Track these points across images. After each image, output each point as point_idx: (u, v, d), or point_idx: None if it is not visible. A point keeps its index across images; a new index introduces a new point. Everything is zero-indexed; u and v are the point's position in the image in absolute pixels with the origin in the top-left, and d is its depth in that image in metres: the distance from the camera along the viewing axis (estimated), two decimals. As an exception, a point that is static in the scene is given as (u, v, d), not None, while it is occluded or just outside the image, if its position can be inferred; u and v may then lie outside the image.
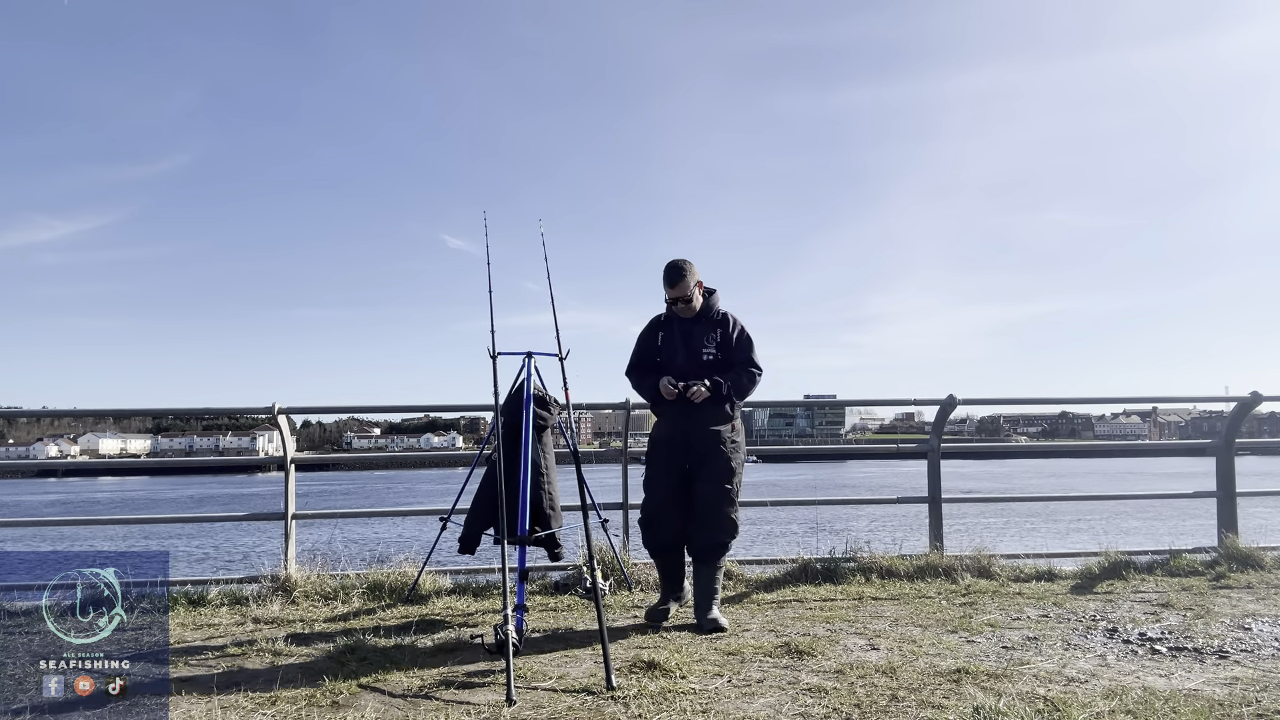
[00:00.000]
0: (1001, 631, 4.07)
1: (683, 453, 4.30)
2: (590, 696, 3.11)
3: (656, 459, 4.41)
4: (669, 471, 4.32)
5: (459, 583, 5.22)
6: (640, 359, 4.54)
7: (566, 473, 4.50)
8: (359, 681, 3.32)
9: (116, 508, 36.78)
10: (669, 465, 4.33)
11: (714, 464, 4.27)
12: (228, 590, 5.10)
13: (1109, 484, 31.56)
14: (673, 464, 4.32)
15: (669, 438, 4.36)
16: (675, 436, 4.34)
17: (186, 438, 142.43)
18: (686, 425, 4.30)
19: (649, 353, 4.50)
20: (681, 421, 4.32)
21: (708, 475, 4.26)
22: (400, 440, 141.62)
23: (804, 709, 2.95)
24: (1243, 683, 3.19)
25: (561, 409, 4.65)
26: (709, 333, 4.37)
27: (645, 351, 4.52)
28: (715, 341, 4.36)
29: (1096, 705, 2.88)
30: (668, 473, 4.32)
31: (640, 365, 4.53)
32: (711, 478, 4.26)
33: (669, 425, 4.39)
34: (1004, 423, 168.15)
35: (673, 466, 4.32)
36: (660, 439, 4.41)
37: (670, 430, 4.37)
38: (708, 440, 4.29)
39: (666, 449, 4.35)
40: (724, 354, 4.37)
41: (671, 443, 4.34)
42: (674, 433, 4.35)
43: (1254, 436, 37.57)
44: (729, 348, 4.38)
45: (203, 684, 3.34)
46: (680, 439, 4.32)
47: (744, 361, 4.39)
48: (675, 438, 4.34)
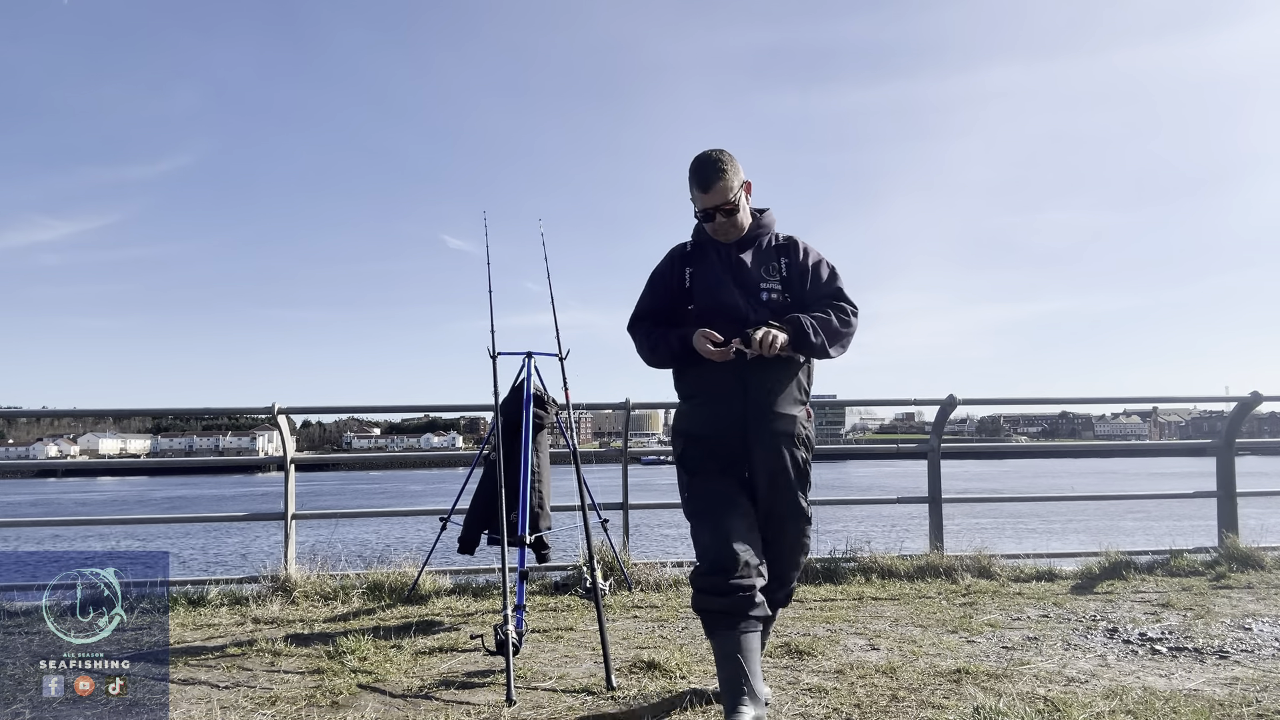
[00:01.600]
0: (1002, 631, 4.06)
1: (739, 455, 2.76)
2: (590, 696, 3.11)
3: (701, 464, 2.81)
4: (725, 481, 2.76)
5: (459, 583, 5.22)
6: (653, 307, 2.96)
7: (565, 473, 4.49)
8: (359, 681, 3.32)
9: (116, 508, 36.76)
10: (723, 473, 2.77)
11: (786, 482, 2.76)
12: (227, 590, 5.10)
13: (1109, 484, 31.53)
14: (728, 472, 2.77)
15: (715, 434, 2.78)
16: (725, 430, 2.75)
17: (186, 438, 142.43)
18: (743, 410, 2.73)
19: (670, 299, 2.92)
20: (734, 404, 2.73)
21: (783, 499, 2.77)
22: (400, 440, 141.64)
23: (804, 709, 2.94)
24: (1243, 683, 3.19)
25: (560, 409, 4.64)
26: (767, 262, 2.87)
27: (663, 297, 2.94)
28: (778, 274, 2.86)
29: (1097, 705, 2.88)
30: (724, 482, 2.76)
31: (654, 316, 2.96)
32: (788, 504, 2.79)
33: (713, 412, 2.78)
34: (1004, 423, 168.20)
35: (729, 475, 2.77)
36: (698, 434, 2.82)
37: (715, 420, 2.77)
38: (778, 437, 2.74)
39: (712, 450, 2.79)
40: (793, 294, 2.85)
41: (721, 441, 2.77)
42: (722, 424, 2.75)
43: (1254, 436, 37.54)
44: (800, 284, 2.85)
45: (203, 684, 3.34)
46: (733, 435, 2.75)
47: (830, 295, 2.85)
48: (725, 432, 2.75)
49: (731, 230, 2.86)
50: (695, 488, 2.81)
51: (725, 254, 2.89)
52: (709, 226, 2.88)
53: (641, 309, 3.02)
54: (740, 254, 2.88)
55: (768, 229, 2.95)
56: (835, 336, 2.79)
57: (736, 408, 2.75)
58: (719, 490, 2.74)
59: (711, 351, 2.68)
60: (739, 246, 2.89)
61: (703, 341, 2.69)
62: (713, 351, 2.68)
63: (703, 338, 2.69)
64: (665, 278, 2.96)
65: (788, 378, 2.80)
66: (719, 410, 2.78)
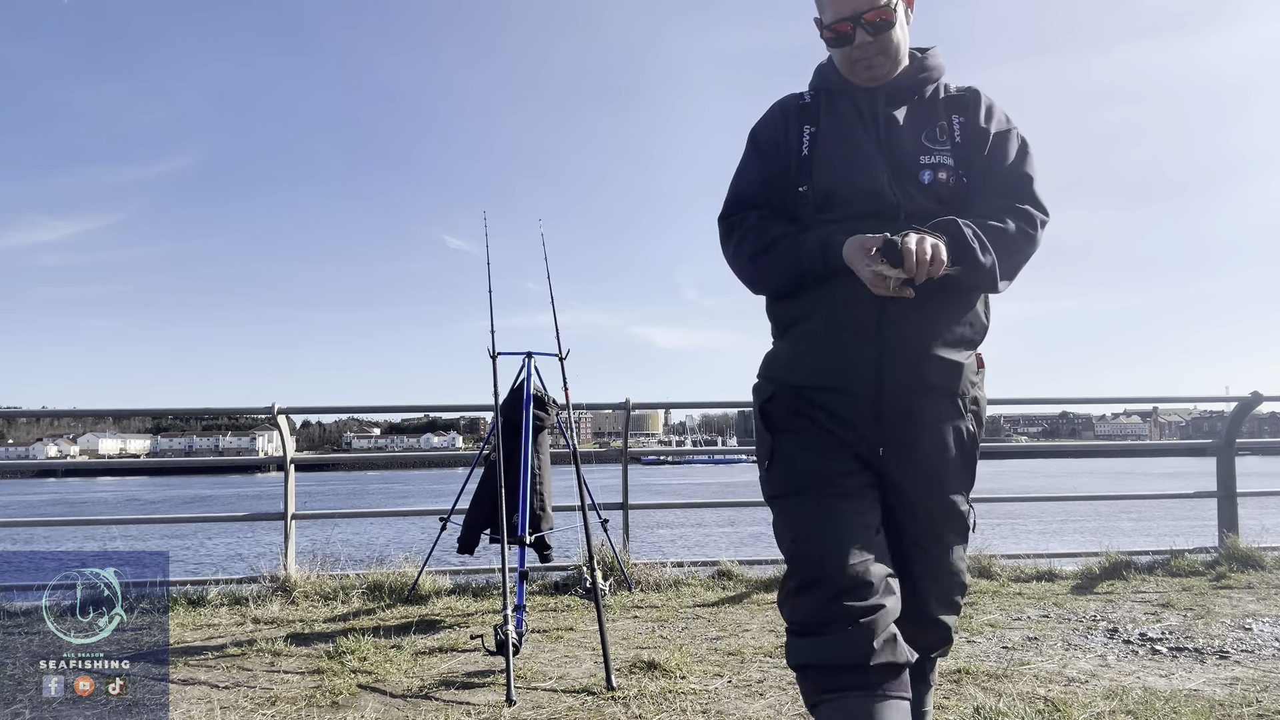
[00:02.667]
0: (1002, 631, 4.06)
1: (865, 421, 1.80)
2: (590, 696, 3.11)
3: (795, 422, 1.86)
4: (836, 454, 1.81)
5: (459, 583, 5.22)
6: (765, 188, 1.94)
7: (565, 473, 4.49)
8: (359, 681, 3.32)
9: (116, 508, 36.75)
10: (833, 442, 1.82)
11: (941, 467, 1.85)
12: (227, 590, 5.10)
13: (1109, 484, 31.52)
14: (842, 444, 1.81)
15: (829, 384, 1.82)
16: (847, 379, 1.80)
17: (186, 438, 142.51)
18: (877, 350, 1.78)
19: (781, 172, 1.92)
20: (865, 339, 1.78)
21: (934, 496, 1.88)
22: (400, 440, 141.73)
23: (804, 709, 2.94)
24: (1243, 683, 3.18)
25: (560, 409, 4.64)
26: (934, 123, 1.88)
27: (770, 171, 1.94)
28: (948, 141, 1.86)
29: (1097, 705, 2.88)
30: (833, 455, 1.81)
31: (753, 203, 1.95)
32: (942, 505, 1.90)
33: (828, 349, 1.82)
34: (1004, 423, 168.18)
35: (844, 455, 1.81)
36: (801, 384, 1.86)
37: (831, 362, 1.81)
38: (932, 396, 1.82)
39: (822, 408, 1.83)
40: (967, 172, 1.86)
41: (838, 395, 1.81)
42: (842, 368, 1.80)
43: (1254, 436, 37.60)
44: (971, 158, 1.86)
45: (203, 684, 3.34)
46: (859, 388, 1.79)
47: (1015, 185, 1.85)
48: (847, 382, 1.80)
49: (880, 64, 1.86)
50: (784, 454, 1.82)
51: (867, 107, 1.87)
52: (843, 57, 1.88)
53: (744, 189, 1.95)
54: (891, 109, 1.87)
55: (934, 73, 1.92)
56: (1011, 257, 1.76)
57: (868, 346, 1.76)
58: (822, 464, 1.77)
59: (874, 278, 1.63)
60: (889, 97, 1.88)
61: (862, 256, 1.65)
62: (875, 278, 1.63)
63: (862, 251, 1.65)
64: (774, 140, 1.93)
65: (954, 302, 1.79)
66: (839, 346, 1.78)
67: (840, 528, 1.71)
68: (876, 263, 1.63)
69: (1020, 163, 1.87)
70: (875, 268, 1.63)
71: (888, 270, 1.62)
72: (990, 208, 1.81)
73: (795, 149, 1.90)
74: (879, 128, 1.86)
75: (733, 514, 16.17)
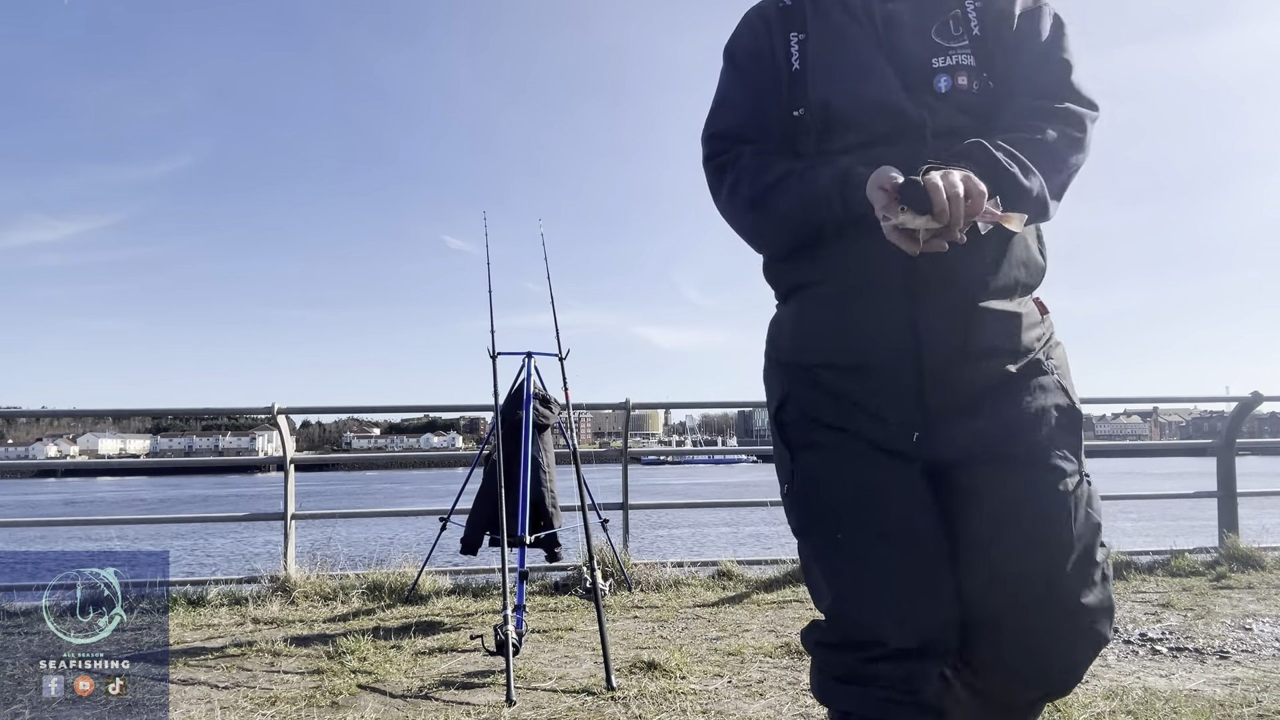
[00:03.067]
0: (1002, 632, 4.06)
1: (909, 410, 1.36)
2: (590, 696, 3.11)
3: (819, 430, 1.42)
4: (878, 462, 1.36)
5: (459, 583, 5.22)
6: (754, 115, 1.51)
7: (565, 473, 4.49)
8: (359, 682, 3.32)
9: (116, 508, 36.75)
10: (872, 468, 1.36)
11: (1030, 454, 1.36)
12: (227, 590, 5.10)
13: (1109, 484, 31.51)
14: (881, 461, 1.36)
15: (856, 362, 1.39)
16: (879, 352, 1.37)
17: (186, 438, 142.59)
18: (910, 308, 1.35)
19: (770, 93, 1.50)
20: (894, 296, 1.36)
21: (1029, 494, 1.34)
22: (400, 440, 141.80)
23: (804, 709, 2.94)
24: (1243, 683, 3.18)
25: (561, 409, 4.65)
26: (946, 12, 1.44)
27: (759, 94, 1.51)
28: (965, 31, 1.42)
29: (1097, 705, 2.88)
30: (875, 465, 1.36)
31: (743, 136, 1.51)
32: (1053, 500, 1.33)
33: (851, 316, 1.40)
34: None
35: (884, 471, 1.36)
36: (821, 363, 1.44)
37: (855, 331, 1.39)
38: (992, 359, 1.37)
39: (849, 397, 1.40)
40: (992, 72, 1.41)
41: (870, 375, 1.38)
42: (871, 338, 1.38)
43: (1255, 436, 37.59)
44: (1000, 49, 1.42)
45: (202, 684, 3.34)
46: (896, 362, 1.36)
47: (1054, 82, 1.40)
48: (879, 356, 1.37)
49: None
50: (807, 476, 1.43)
51: (860, 1, 1.47)
52: None
53: (730, 121, 1.54)
54: (889, 1, 1.46)
55: None
56: (1059, 173, 1.36)
57: (897, 307, 1.36)
58: (858, 490, 1.37)
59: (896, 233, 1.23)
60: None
61: (880, 202, 1.24)
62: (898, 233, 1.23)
63: (879, 194, 1.25)
64: (756, 52, 1.53)
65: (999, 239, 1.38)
66: (861, 311, 1.39)
67: (890, 585, 1.32)
68: (896, 213, 1.22)
69: (1055, 47, 1.43)
70: (895, 220, 1.22)
71: (912, 220, 1.21)
72: (1023, 111, 1.38)
73: (784, 63, 1.49)
74: (877, 27, 1.45)
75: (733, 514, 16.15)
